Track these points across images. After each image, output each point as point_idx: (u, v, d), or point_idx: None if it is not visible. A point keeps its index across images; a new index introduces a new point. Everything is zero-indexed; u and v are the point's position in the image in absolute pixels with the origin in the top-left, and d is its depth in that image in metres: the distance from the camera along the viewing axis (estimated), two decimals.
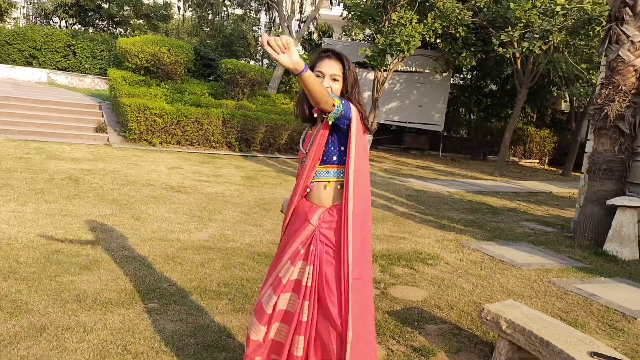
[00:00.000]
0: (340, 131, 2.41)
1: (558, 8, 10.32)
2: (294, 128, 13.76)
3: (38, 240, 4.94)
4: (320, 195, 2.47)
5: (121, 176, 8.47)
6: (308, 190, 2.49)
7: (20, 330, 3.24)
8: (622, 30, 6.91)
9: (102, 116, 13.14)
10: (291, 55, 1.99)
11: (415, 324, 4.01)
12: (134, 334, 3.36)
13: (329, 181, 2.46)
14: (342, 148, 2.43)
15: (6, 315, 3.41)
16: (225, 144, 13.05)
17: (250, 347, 2.49)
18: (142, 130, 11.88)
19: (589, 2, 10.22)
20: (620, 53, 6.92)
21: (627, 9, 6.88)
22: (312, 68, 2.41)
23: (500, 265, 5.85)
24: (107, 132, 12.19)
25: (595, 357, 2.93)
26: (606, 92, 7.00)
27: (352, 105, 2.36)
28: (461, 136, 22.07)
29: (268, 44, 1.94)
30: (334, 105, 2.24)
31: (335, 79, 2.40)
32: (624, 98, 6.88)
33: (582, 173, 7.77)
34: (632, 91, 6.91)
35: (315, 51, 20.72)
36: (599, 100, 7.09)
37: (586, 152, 7.67)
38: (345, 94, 2.42)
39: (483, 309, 3.50)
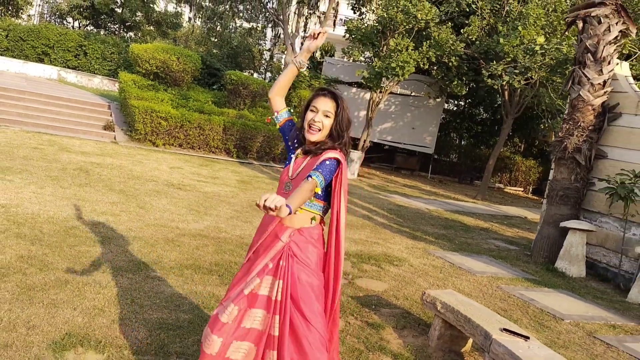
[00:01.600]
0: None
1: (537, 47, 11.25)
2: None
3: (57, 217, 5.72)
4: (297, 220, 2.58)
5: (127, 171, 9.26)
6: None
7: (49, 281, 4.01)
8: (583, 73, 7.79)
9: (111, 115, 13.95)
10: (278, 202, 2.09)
11: (373, 307, 4.80)
12: (139, 292, 4.13)
13: (313, 213, 2.60)
14: (328, 189, 2.62)
15: (37, 270, 4.18)
16: (224, 149, 13.87)
17: None
18: (147, 131, 12.68)
19: (567, 43, 11.15)
20: (581, 93, 7.79)
21: (589, 54, 7.76)
22: (308, 104, 2.62)
23: (458, 271, 6.65)
24: (114, 131, 12.99)
25: (504, 331, 3.72)
26: (567, 127, 7.86)
27: (335, 160, 2.52)
28: (451, 160, 22.93)
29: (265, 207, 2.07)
30: (316, 189, 2.41)
31: (327, 115, 2.56)
32: (582, 133, 7.73)
33: (544, 198, 8.60)
34: (590, 127, 7.76)
35: (316, 69, 21.66)
36: (560, 134, 7.94)
37: (548, 180, 8.50)
38: (335, 130, 2.58)
39: (424, 292, 4.30)
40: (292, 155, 2.69)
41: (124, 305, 3.84)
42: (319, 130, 2.56)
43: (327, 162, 2.49)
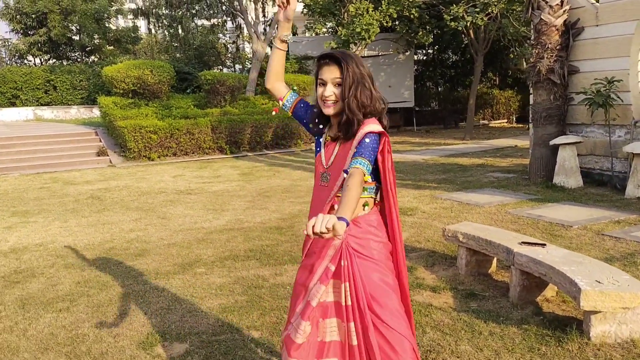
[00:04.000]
0: None
1: None
2: (277, 125, 14.97)
3: (92, 243, 6.10)
4: None
5: (135, 189, 9.61)
6: (336, 207, 2.13)
7: (113, 296, 4.42)
8: None
9: (100, 141, 14.22)
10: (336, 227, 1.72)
11: None
12: (194, 288, 4.55)
13: (364, 198, 2.27)
14: (375, 165, 2.24)
15: (97, 290, 4.58)
16: (216, 148, 14.21)
17: None
18: (140, 148, 12.99)
19: None
20: (542, 17, 8.19)
21: None
22: (316, 77, 2.29)
23: (466, 207, 7.12)
24: (108, 155, 13.28)
25: (523, 244, 4.18)
26: (536, 52, 8.28)
27: (375, 134, 2.17)
28: (432, 108, 23.37)
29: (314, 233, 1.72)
30: (365, 177, 2.08)
31: (337, 84, 2.22)
32: (552, 54, 8.16)
33: (530, 123, 9.05)
34: (558, 47, 8.18)
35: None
36: (531, 59, 8.37)
37: (530, 105, 8.94)
38: (344, 97, 2.20)
39: (444, 229, 4.75)
40: (321, 140, 2.38)
41: (186, 301, 4.26)
42: (334, 102, 2.24)
43: (367, 140, 2.15)
